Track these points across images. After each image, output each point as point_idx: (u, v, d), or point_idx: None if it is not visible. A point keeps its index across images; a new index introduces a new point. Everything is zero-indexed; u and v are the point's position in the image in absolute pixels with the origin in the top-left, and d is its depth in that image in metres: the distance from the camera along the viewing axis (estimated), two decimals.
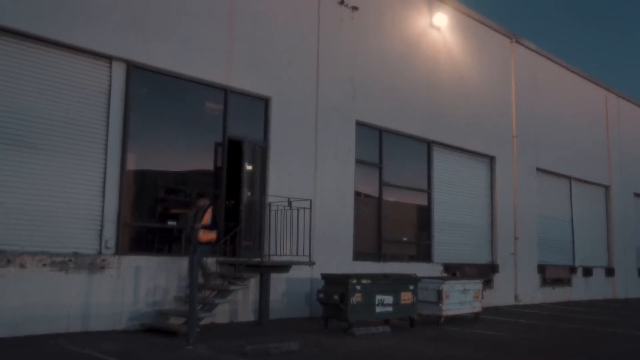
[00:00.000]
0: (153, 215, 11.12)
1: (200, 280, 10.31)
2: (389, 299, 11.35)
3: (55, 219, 9.65)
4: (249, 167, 12.14)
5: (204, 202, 10.70)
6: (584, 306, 18.58)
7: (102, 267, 9.93)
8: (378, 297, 11.17)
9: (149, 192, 11.29)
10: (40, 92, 9.69)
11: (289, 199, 11.73)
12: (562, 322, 13.78)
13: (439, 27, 16.78)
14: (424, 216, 16.36)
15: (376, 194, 14.99)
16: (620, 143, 24.72)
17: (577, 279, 21.41)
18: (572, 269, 21.27)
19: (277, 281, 11.96)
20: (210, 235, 10.47)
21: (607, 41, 79.99)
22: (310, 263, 11.63)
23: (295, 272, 12.01)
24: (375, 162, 14.98)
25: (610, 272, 23.29)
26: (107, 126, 10.35)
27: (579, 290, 21.29)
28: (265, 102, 12.67)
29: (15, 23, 9.36)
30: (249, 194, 12.06)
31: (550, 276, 19.95)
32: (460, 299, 12.92)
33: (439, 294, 12.37)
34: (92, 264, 9.83)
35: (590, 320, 14.43)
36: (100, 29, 10.24)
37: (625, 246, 24.40)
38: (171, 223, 11.29)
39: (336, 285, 10.90)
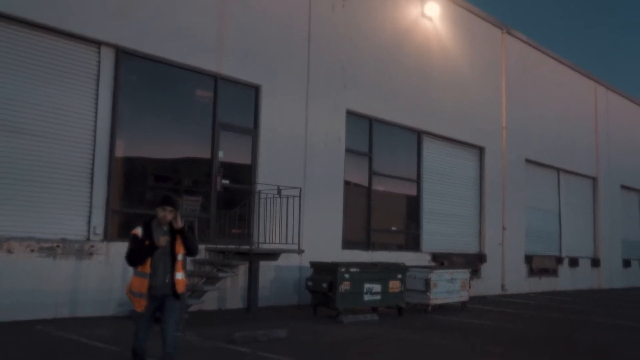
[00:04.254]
0: (142, 202, 11.08)
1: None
2: (377, 287, 11.42)
3: (43, 204, 9.59)
4: (221, 155, 11.97)
5: (174, 211, 5.59)
6: (570, 296, 18.80)
7: (91, 253, 9.90)
8: (366, 286, 11.24)
9: (138, 178, 11.24)
10: (28, 76, 9.58)
11: (278, 187, 11.73)
12: (548, 311, 13.94)
13: (431, 17, 16.75)
14: (413, 206, 16.43)
15: (366, 183, 15.02)
16: (608, 135, 24.90)
17: (564, 269, 21.63)
18: (559, 260, 21.49)
19: (266, 269, 11.99)
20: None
21: (598, 34, 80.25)
22: (299, 251, 11.66)
23: (284, 260, 12.04)
24: (365, 151, 15.00)
25: (596, 262, 23.55)
26: (96, 112, 10.27)
27: (565, 280, 21.52)
28: (255, 89, 12.62)
29: (2, 6, 9.23)
30: (225, 182, 11.97)
31: (537, 266, 20.14)
32: (448, 288, 13.02)
33: (427, 282, 12.46)
34: (81, 250, 9.80)
35: (576, 309, 14.61)
36: (89, 14, 10.13)
37: (611, 237, 24.66)
38: None
39: (325, 273, 10.95)
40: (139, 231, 5.54)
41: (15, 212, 9.30)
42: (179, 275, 5.62)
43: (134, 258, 5.47)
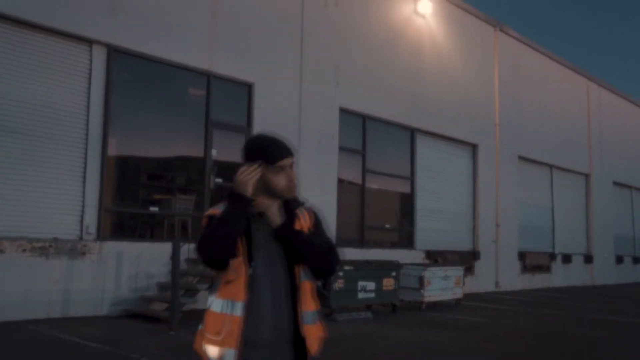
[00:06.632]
0: (135, 200, 11.03)
1: None
2: (371, 285, 11.41)
3: (34, 203, 9.52)
4: (214, 153, 11.90)
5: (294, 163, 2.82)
6: (564, 292, 18.87)
7: (83, 253, 9.85)
8: (360, 284, 11.23)
9: (131, 177, 11.19)
10: (19, 75, 9.50)
11: None
12: (542, 308, 13.98)
13: (424, 15, 16.75)
14: (407, 203, 16.43)
15: (359, 181, 15.01)
16: (600, 132, 25.00)
17: (557, 265, 21.71)
18: (552, 256, 21.56)
19: None
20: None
21: (590, 31, 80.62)
22: None
23: None
24: (359, 149, 14.99)
25: (589, 259, 23.64)
26: (88, 110, 10.20)
27: (559, 276, 21.60)
28: (248, 87, 12.58)
29: None
30: (218, 180, 11.94)
31: (531, 263, 20.20)
32: (442, 286, 13.03)
33: (421, 280, 12.47)
34: (73, 250, 9.74)
35: (570, 306, 14.66)
36: (81, 12, 10.05)
37: (604, 234, 24.77)
38: (153, 209, 11.21)
39: None
40: (218, 210, 2.63)
41: (6, 212, 9.23)
42: (308, 317, 2.70)
43: (208, 244, 2.51)
